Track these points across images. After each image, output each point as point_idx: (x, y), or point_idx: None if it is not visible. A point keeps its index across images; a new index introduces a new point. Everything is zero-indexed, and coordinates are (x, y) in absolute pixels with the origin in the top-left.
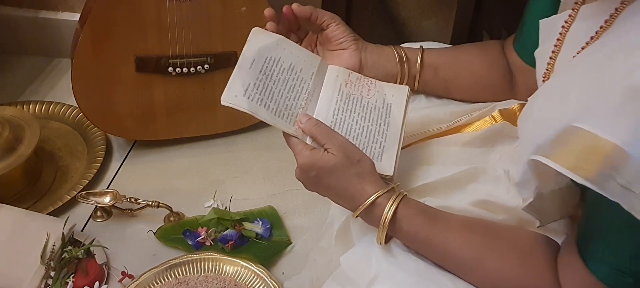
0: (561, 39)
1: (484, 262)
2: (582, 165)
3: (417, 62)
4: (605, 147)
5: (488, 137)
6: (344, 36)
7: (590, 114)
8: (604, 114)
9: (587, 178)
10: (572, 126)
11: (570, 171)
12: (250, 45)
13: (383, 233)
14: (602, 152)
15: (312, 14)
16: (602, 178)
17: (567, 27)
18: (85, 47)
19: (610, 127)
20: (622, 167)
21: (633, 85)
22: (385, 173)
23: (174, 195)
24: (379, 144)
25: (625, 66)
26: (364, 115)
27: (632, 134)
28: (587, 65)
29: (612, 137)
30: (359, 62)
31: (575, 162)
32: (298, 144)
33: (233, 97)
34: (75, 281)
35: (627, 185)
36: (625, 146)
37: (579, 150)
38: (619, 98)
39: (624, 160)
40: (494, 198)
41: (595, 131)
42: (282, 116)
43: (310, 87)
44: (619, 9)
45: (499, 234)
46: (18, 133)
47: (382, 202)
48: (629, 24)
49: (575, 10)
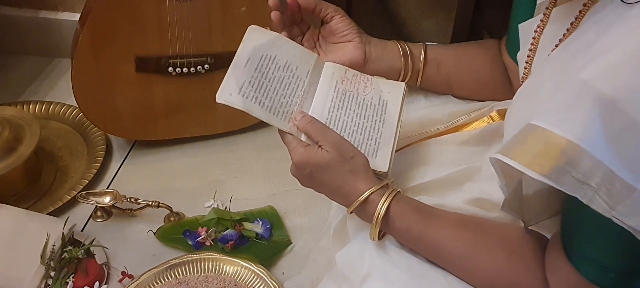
0: (535, 42)
1: (475, 258)
2: (537, 162)
3: (420, 56)
4: (560, 142)
5: (485, 136)
6: (348, 28)
7: (546, 111)
8: (558, 111)
9: (542, 174)
10: (529, 124)
11: (526, 167)
12: (245, 43)
13: (376, 229)
14: (557, 147)
15: (317, 5)
16: (557, 174)
17: (539, 30)
18: (85, 47)
19: (563, 122)
20: (577, 161)
21: (582, 80)
22: (379, 170)
23: (174, 195)
24: (374, 140)
25: (579, 63)
26: (360, 112)
27: (584, 128)
28: (553, 66)
29: (565, 133)
30: (364, 54)
31: (532, 158)
32: (292, 141)
33: (227, 95)
34: (75, 281)
35: (584, 179)
36: (578, 141)
37: (535, 147)
38: (571, 94)
39: (578, 155)
40: (487, 196)
41: (549, 128)
42: (277, 114)
43: (306, 85)
44: (583, 10)
45: (490, 231)
46: (18, 133)
47: (375, 198)
48: (589, 24)
49: (546, 14)
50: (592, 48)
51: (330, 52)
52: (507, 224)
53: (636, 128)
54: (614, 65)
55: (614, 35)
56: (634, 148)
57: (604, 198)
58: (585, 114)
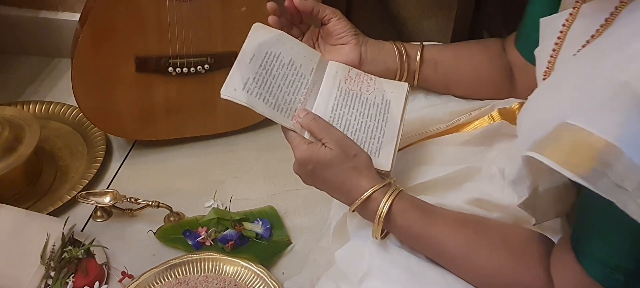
0: (562, 37)
1: (476, 257)
2: (574, 162)
3: (416, 57)
4: (597, 143)
5: (486, 136)
6: (345, 31)
7: (581, 110)
8: (594, 110)
9: (579, 174)
10: (564, 122)
11: (563, 167)
12: (250, 40)
13: (379, 227)
14: (594, 148)
15: (314, 8)
16: (594, 175)
17: (567, 25)
18: (85, 47)
19: (601, 123)
20: (613, 163)
21: (621, 81)
22: (382, 169)
23: (174, 195)
24: (377, 139)
25: (615, 62)
26: (363, 111)
27: (622, 130)
28: (583, 62)
29: (604, 134)
30: (359, 56)
31: (567, 158)
32: (296, 138)
33: (232, 91)
34: (75, 281)
35: (620, 182)
36: (616, 142)
37: (570, 146)
38: (608, 94)
39: (615, 157)
40: (488, 196)
41: (586, 127)
42: (281, 110)
43: (309, 83)
44: (619, 7)
45: (491, 230)
46: (18, 133)
47: (377, 196)
48: (624, 22)
49: (575, 9)
50: (628, 48)
51: (328, 52)
52: (509, 224)
53: None
54: None
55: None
56: None
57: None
58: (625, 115)
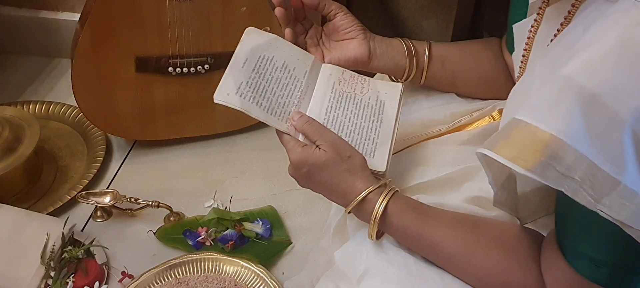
0: (529, 42)
1: (471, 257)
2: (522, 156)
3: (425, 54)
4: (543, 137)
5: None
6: (352, 25)
7: (530, 106)
8: (541, 105)
9: (527, 168)
10: (513, 119)
11: (511, 162)
12: (243, 44)
13: (374, 229)
14: (541, 142)
15: (320, 3)
16: (542, 168)
17: (534, 30)
18: (85, 47)
19: (547, 117)
20: (560, 155)
21: (565, 76)
22: (377, 169)
23: (174, 195)
24: (372, 140)
25: (563, 59)
26: (357, 112)
27: (567, 123)
28: (543, 63)
29: (549, 127)
30: (368, 51)
31: (516, 153)
32: (290, 141)
33: (225, 95)
34: (75, 281)
35: (567, 172)
36: (562, 135)
37: (519, 141)
38: (554, 89)
39: (562, 149)
40: (486, 194)
41: (533, 122)
42: (275, 114)
43: (303, 85)
44: (574, 8)
45: (485, 229)
46: (18, 133)
47: (373, 197)
48: (578, 21)
49: (539, 14)
50: (576, 44)
51: (334, 49)
52: (504, 222)
53: (618, 122)
54: (595, 60)
55: (595, 31)
56: (616, 141)
57: (589, 192)
58: (568, 108)
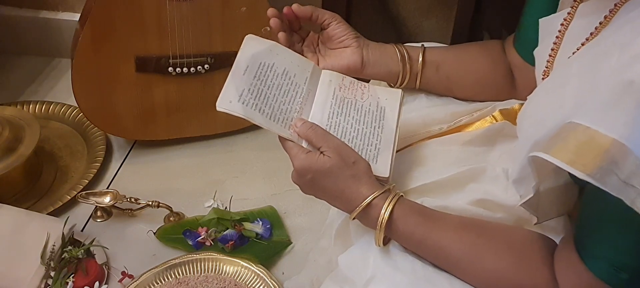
0: (560, 37)
1: (480, 261)
2: (581, 160)
3: (418, 59)
4: (604, 142)
5: (488, 136)
6: (345, 34)
7: (586, 109)
8: (600, 110)
9: (587, 173)
10: (570, 122)
11: (570, 166)
12: (243, 51)
13: (381, 234)
14: (601, 147)
15: (313, 13)
16: (602, 173)
17: (565, 25)
18: (85, 47)
19: (607, 121)
20: (621, 161)
21: (626, 80)
22: (381, 175)
23: (174, 195)
24: (374, 146)
25: (618, 62)
26: (359, 118)
27: (629, 128)
28: (584, 61)
29: (610, 132)
30: (361, 59)
31: (574, 157)
32: (294, 147)
33: (227, 103)
34: (75, 281)
35: (627, 180)
36: (624, 140)
37: (577, 145)
38: (613, 93)
39: (623, 155)
40: (491, 196)
41: (593, 126)
42: (277, 120)
43: (304, 92)
44: (616, 6)
45: (494, 233)
46: (18, 133)
47: (378, 203)
48: (623, 21)
49: (573, 8)
50: (630, 47)
51: (329, 57)
52: (512, 226)
53: None
54: None
55: None
56: None
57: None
58: (631, 113)
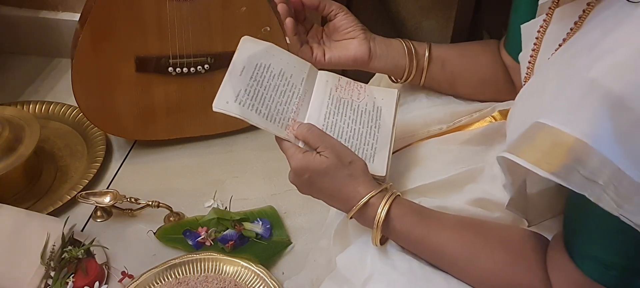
0: (538, 42)
1: (476, 260)
2: (546, 160)
3: (425, 55)
4: (568, 140)
5: (486, 136)
6: (352, 25)
7: (553, 109)
8: (565, 109)
9: (551, 172)
10: (536, 122)
11: (535, 166)
12: (239, 53)
13: (378, 234)
14: (565, 145)
15: (320, 3)
16: (566, 171)
17: (542, 30)
18: (85, 47)
19: (571, 121)
20: (585, 159)
21: (590, 79)
22: (377, 174)
23: (174, 195)
24: (371, 145)
25: (585, 62)
26: (355, 118)
27: (592, 126)
28: (559, 64)
29: (573, 131)
30: (369, 51)
31: (540, 156)
32: (291, 148)
33: (224, 104)
34: (75, 281)
35: (591, 176)
36: (587, 139)
37: (543, 145)
38: (578, 92)
39: (587, 153)
40: (489, 196)
41: (557, 126)
42: (274, 121)
43: (301, 92)
44: (587, 10)
45: (490, 232)
46: (18, 133)
47: (375, 202)
48: (595, 23)
49: (549, 14)
50: (598, 47)
51: (335, 49)
52: (508, 225)
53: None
54: (622, 64)
55: (620, 34)
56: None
57: (612, 196)
58: (594, 112)
